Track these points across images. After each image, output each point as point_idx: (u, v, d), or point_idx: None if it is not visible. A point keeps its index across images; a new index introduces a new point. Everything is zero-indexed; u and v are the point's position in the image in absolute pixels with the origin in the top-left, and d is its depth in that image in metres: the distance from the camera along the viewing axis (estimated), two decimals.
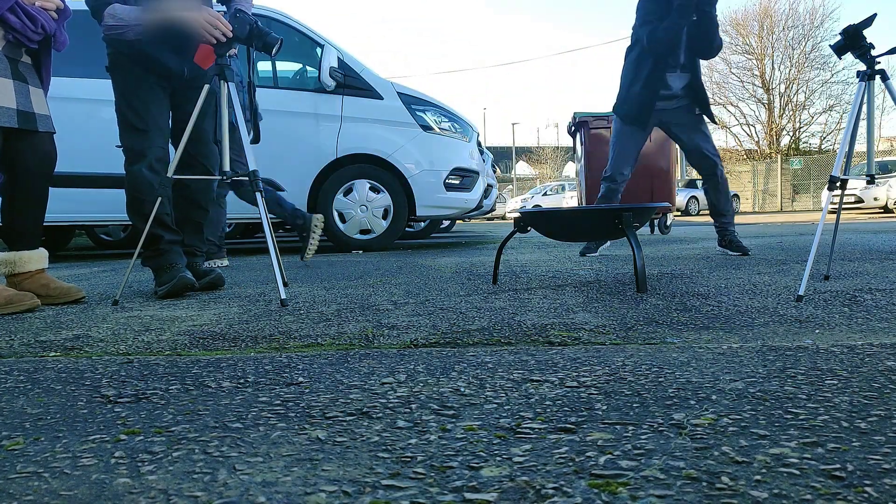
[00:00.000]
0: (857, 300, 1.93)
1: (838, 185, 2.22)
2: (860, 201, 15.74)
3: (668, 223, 6.74)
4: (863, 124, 2.21)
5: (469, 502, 0.66)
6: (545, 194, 27.72)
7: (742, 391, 1.02)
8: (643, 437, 0.83)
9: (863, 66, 2.15)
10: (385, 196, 5.08)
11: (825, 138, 31.02)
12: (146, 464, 0.79)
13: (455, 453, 0.80)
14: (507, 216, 25.64)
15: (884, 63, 2.16)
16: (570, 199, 24.32)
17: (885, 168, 16.61)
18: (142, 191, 2.50)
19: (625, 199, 6.18)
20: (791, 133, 31.54)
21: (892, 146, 27.33)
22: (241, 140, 3.47)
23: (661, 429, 0.86)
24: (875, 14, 2.12)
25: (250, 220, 5.17)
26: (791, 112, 31.21)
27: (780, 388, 1.03)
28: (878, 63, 2.13)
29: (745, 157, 31.99)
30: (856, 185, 15.05)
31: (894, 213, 15.20)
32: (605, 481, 0.70)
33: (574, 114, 6.56)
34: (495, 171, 7.65)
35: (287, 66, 5.80)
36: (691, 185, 24.33)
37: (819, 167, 25.66)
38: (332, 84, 4.95)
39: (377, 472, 0.74)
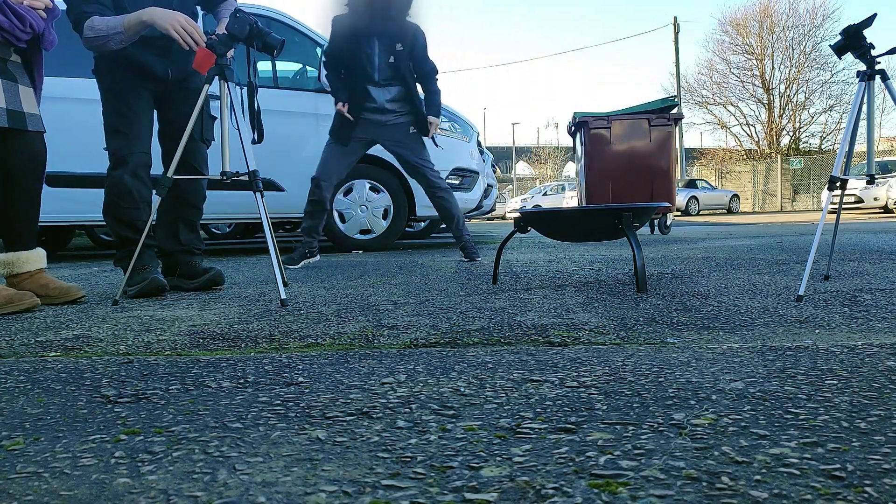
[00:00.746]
0: (857, 300, 1.93)
1: (838, 185, 2.22)
2: (860, 201, 15.74)
3: (668, 223, 6.74)
4: (863, 124, 2.21)
5: (469, 502, 0.66)
6: (545, 194, 27.72)
7: (742, 391, 1.02)
8: (643, 437, 0.83)
9: (863, 66, 2.15)
10: (385, 196, 5.08)
11: (825, 138, 31.07)
12: (146, 464, 0.79)
13: (455, 453, 0.80)
14: (507, 216, 25.64)
15: (884, 63, 2.16)
16: (570, 199, 24.32)
17: (885, 168, 16.61)
18: (121, 196, 2.54)
19: (625, 199, 6.17)
20: (791, 133, 31.57)
21: (892, 146, 27.32)
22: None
23: (661, 429, 0.86)
24: (875, 14, 2.11)
25: (250, 221, 5.17)
26: (791, 112, 31.25)
27: (780, 388, 1.03)
28: (879, 63, 2.13)
29: (745, 157, 32.03)
30: (856, 185, 15.05)
31: (894, 213, 15.20)
32: (605, 481, 0.70)
33: (574, 114, 6.55)
34: (495, 171, 7.64)
35: (287, 67, 5.80)
36: (691, 185, 24.35)
37: (819, 167, 25.67)
38: None
39: (377, 472, 0.74)
